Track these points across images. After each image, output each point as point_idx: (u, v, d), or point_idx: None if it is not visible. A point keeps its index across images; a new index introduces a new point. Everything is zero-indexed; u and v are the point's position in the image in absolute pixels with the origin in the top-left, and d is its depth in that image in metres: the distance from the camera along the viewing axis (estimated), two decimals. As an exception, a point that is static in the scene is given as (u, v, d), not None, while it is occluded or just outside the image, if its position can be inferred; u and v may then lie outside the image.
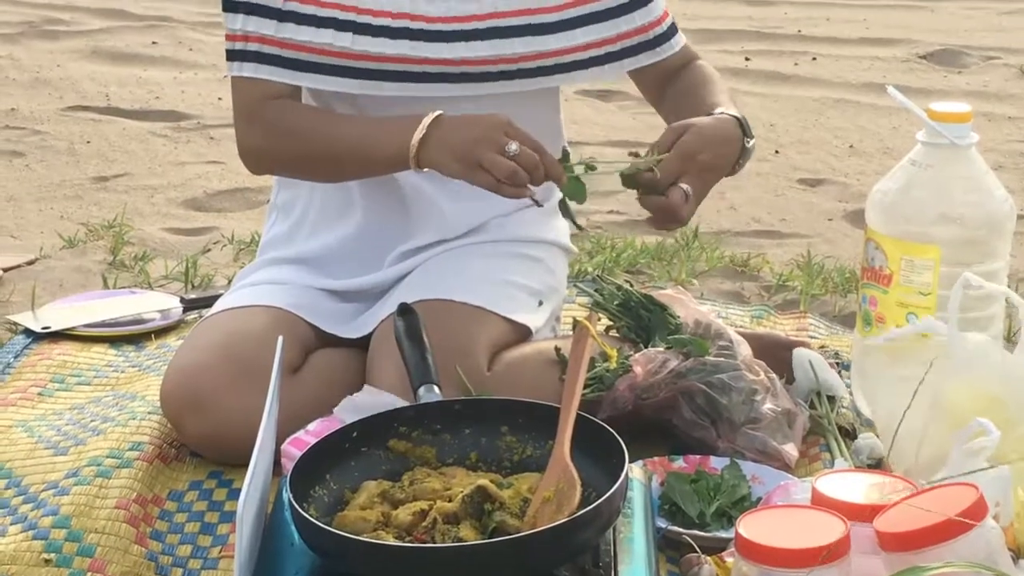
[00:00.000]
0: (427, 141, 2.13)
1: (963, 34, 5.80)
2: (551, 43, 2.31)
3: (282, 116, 2.28)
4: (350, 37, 2.25)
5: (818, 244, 3.51)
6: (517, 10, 2.29)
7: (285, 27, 2.25)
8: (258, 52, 2.26)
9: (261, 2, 2.25)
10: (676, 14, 2.43)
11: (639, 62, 2.41)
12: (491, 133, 2.10)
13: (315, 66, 2.26)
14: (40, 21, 5.89)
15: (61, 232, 3.50)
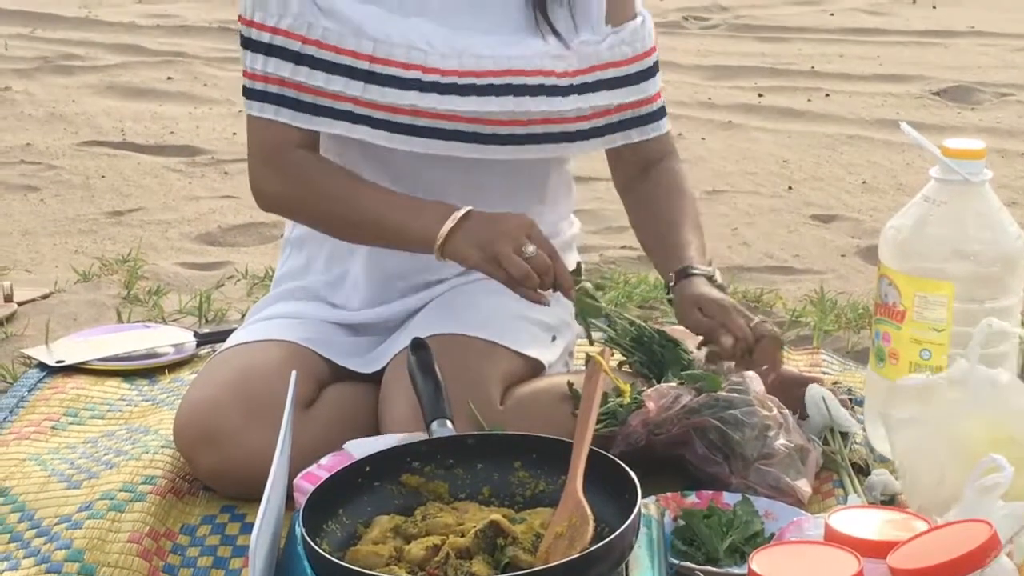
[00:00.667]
0: (454, 233, 2.18)
1: (976, 71, 5.81)
2: (562, 105, 2.32)
3: (307, 170, 2.29)
4: (361, 86, 2.26)
5: (831, 280, 3.50)
6: (533, 70, 2.30)
7: (300, 71, 2.26)
8: (278, 95, 2.27)
9: (280, 44, 2.26)
10: (689, 50, 2.45)
11: (629, 138, 2.42)
12: (513, 232, 2.16)
13: (329, 111, 2.27)
14: (56, 56, 5.91)
15: (75, 266, 3.51)
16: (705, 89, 5.51)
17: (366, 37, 2.25)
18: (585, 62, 2.33)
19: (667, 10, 6.70)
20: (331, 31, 2.25)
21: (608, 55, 2.35)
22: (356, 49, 2.25)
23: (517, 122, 2.31)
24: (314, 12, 2.25)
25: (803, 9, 6.92)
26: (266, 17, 2.26)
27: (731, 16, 6.75)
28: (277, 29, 2.25)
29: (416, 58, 2.26)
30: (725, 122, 5.08)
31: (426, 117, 2.27)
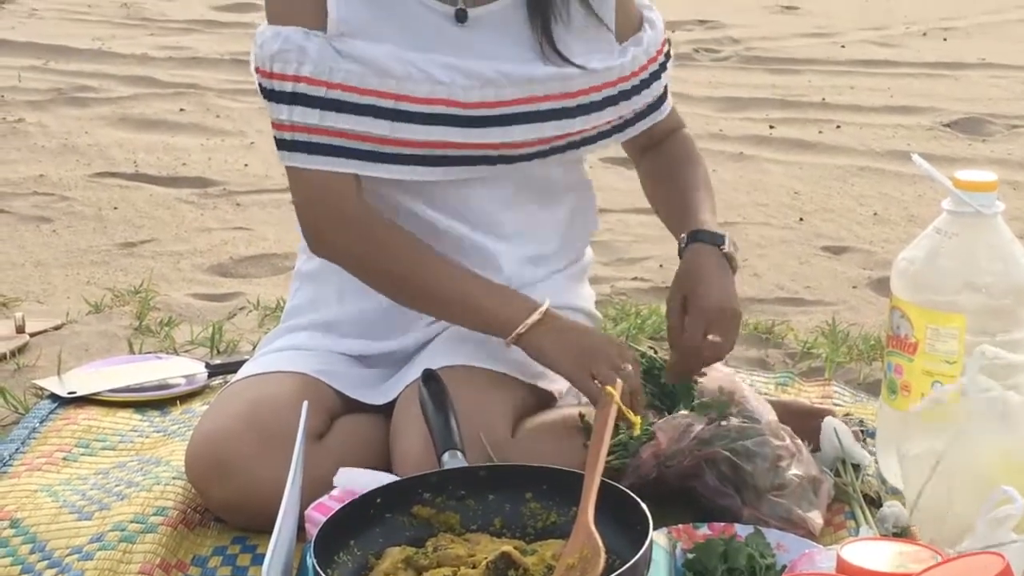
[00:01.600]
0: (537, 328, 2.23)
1: (987, 102, 5.81)
2: (581, 123, 2.36)
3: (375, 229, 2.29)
4: (388, 124, 2.26)
5: (843, 312, 3.50)
6: (549, 95, 2.32)
7: (327, 116, 2.26)
8: (307, 142, 2.27)
9: (303, 91, 2.25)
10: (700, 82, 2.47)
11: (644, 126, 2.49)
12: (609, 349, 2.24)
13: (359, 153, 2.28)
14: (69, 88, 5.93)
15: (87, 297, 3.51)
16: (716, 121, 5.52)
17: (388, 75, 2.26)
18: (602, 79, 2.35)
19: (678, 42, 6.72)
20: (353, 73, 2.25)
21: (629, 67, 2.39)
22: (379, 88, 2.25)
23: (540, 141, 2.33)
24: (333, 56, 2.25)
25: (814, 41, 6.93)
26: (286, 67, 2.25)
27: (742, 48, 6.76)
28: (299, 77, 2.25)
29: (439, 92, 2.27)
30: (736, 153, 5.09)
31: (454, 148, 2.29)
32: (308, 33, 2.25)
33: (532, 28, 2.33)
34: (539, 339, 2.24)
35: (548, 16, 2.33)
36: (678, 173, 2.51)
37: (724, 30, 7.13)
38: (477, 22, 2.33)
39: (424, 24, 2.31)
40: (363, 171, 2.29)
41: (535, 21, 2.33)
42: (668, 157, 2.54)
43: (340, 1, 2.27)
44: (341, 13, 2.27)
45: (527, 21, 2.34)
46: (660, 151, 2.55)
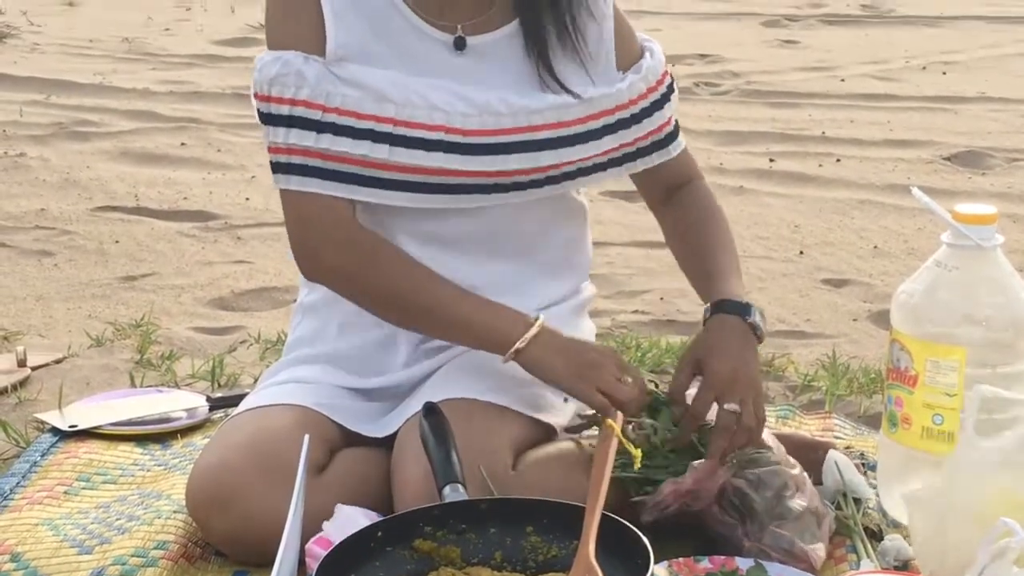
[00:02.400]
0: (535, 343, 2.23)
1: (987, 136, 5.83)
2: (579, 152, 2.35)
3: (374, 249, 2.29)
4: (387, 149, 2.27)
5: (843, 344, 3.50)
6: (547, 124, 2.32)
7: (323, 138, 2.27)
8: (302, 165, 2.28)
9: (300, 114, 2.27)
10: (701, 116, 2.48)
11: (651, 161, 2.46)
12: (609, 361, 2.26)
13: (356, 177, 2.28)
14: (71, 123, 5.95)
15: (89, 331, 3.52)
16: (717, 154, 5.53)
17: (387, 100, 2.27)
18: (600, 107, 2.36)
19: (679, 76, 6.73)
20: (350, 97, 2.26)
21: (627, 95, 2.39)
22: (378, 113, 2.27)
23: (537, 170, 2.33)
24: (332, 80, 2.26)
25: (813, 75, 6.96)
26: (284, 90, 2.27)
27: (742, 82, 6.78)
28: (296, 100, 2.26)
29: (438, 118, 2.28)
30: (737, 187, 5.10)
31: (451, 175, 2.29)
32: (307, 58, 2.27)
33: (529, 56, 2.35)
34: (538, 354, 2.24)
35: (545, 45, 2.34)
36: (700, 231, 2.49)
37: (724, 64, 7.15)
38: (475, 50, 2.34)
39: (423, 51, 2.32)
40: (359, 196, 2.30)
41: (532, 50, 2.34)
42: (688, 214, 2.51)
43: (340, 27, 2.29)
44: (340, 38, 2.28)
45: (525, 49, 2.35)
46: (680, 206, 2.52)
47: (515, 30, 2.36)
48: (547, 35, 2.34)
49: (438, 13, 2.34)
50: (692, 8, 8.54)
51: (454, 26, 2.34)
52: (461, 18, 2.35)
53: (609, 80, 2.39)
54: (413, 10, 2.33)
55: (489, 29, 2.36)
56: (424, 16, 2.33)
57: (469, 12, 2.35)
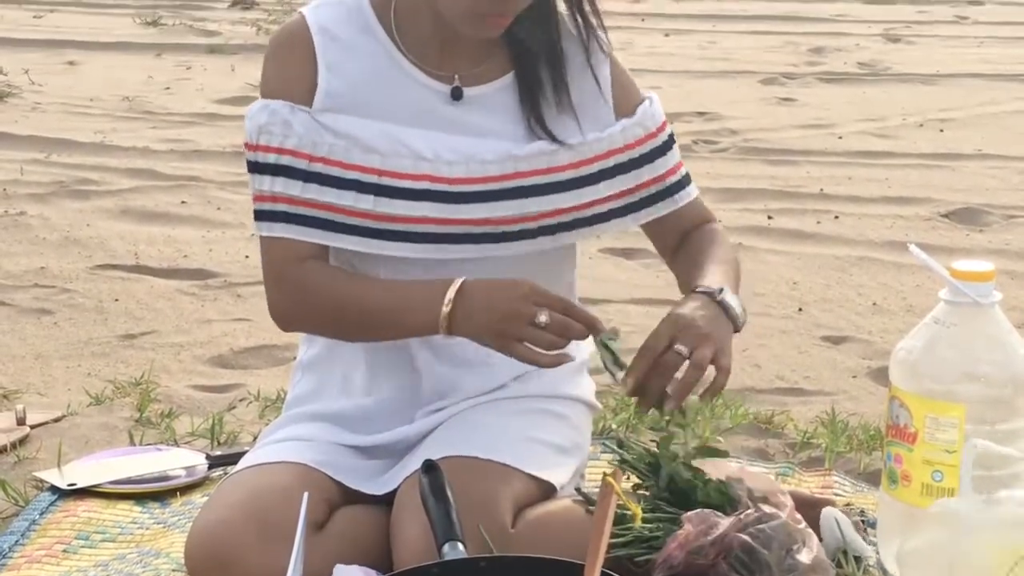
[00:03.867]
0: (455, 314, 2.20)
1: (985, 193, 5.84)
2: (570, 200, 2.35)
3: (310, 278, 2.31)
4: (372, 199, 2.29)
5: (842, 401, 3.50)
6: (535, 170, 2.33)
7: (310, 188, 2.29)
8: (286, 212, 2.30)
9: (287, 163, 2.29)
10: (699, 173, 2.48)
11: (657, 211, 2.45)
12: (519, 306, 2.17)
13: (340, 226, 2.30)
14: (71, 181, 5.96)
15: (88, 389, 3.52)
16: (715, 212, 5.49)
17: (373, 151, 2.28)
18: (591, 152, 2.36)
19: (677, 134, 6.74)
20: (337, 147, 2.28)
21: (621, 139, 2.39)
22: (364, 163, 2.28)
23: (526, 219, 2.33)
24: (318, 130, 2.29)
25: (811, 132, 6.98)
26: (271, 139, 2.29)
27: (740, 139, 6.80)
28: (283, 149, 2.29)
29: (423, 168, 2.29)
30: (735, 244, 5.10)
31: (437, 224, 2.30)
32: (293, 107, 2.29)
33: (523, 106, 2.36)
34: (460, 325, 2.20)
35: (538, 96, 2.35)
36: (701, 250, 2.45)
37: (722, 122, 7.18)
38: (471, 101, 2.36)
39: (417, 101, 2.34)
40: (346, 245, 2.31)
41: (525, 100, 2.36)
42: (695, 243, 2.48)
43: (331, 76, 2.31)
44: (331, 88, 2.30)
45: (519, 100, 2.36)
46: (688, 243, 2.50)
47: (511, 81, 2.38)
48: (542, 86, 2.35)
49: (436, 63, 2.36)
50: (690, 66, 8.58)
51: (451, 76, 2.36)
52: (459, 68, 2.37)
53: (604, 127, 2.40)
54: (410, 60, 2.35)
55: (486, 80, 2.37)
56: (421, 66, 2.35)
57: (467, 62, 2.37)
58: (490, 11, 2.23)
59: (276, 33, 2.41)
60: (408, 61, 2.35)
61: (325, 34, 2.34)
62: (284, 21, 9.95)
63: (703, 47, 9.30)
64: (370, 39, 2.36)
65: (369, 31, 2.36)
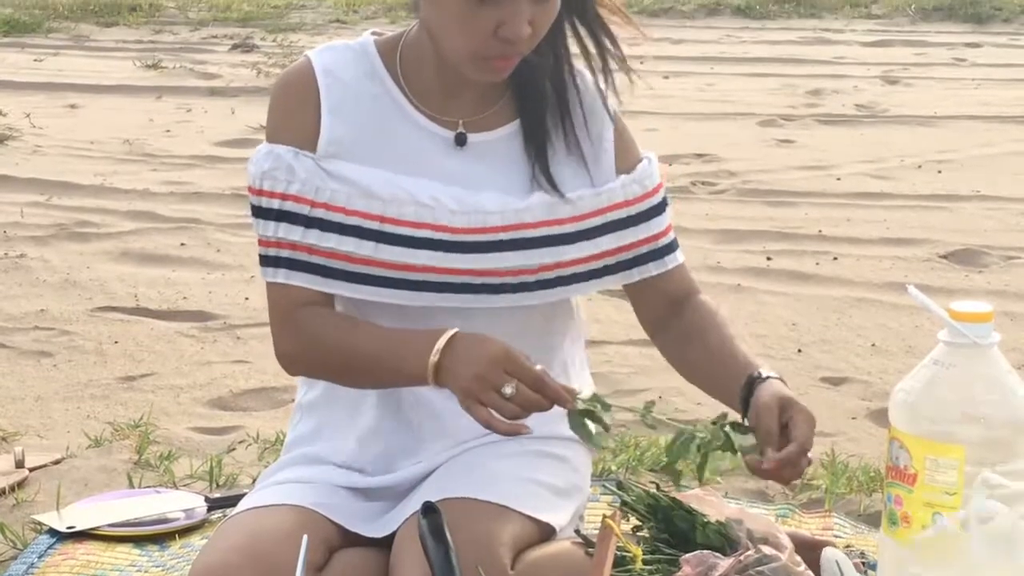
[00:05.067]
0: (442, 363, 2.18)
1: (983, 234, 5.85)
2: (571, 253, 2.35)
3: (312, 323, 2.32)
4: (372, 246, 2.29)
5: (842, 443, 3.50)
6: (538, 222, 2.33)
7: (310, 233, 2.29)
8: (290, 259, 2.30)
9: (289, 209, 2.29)
10: (698, 214, 2.49)
11: (648, 271, 2.43)
12: (488, 371, 2.14)
13: (341, 273, 2.30)
14: (71, 224, 5.98)
15: (87, 431, 3.52)
16: (714, 253, 5.55)
17: (375, 197, 2.29)
18: (592, 206, 2.36)
19: (676, 175, 6.78)
20: (339, 193, 2.29)
21: (621, 194, 2.39)
22: (366, 210, 2.28)
23: (526, 271, 2.33)
24: (321, 176, 2.29)
25: (810, 174, 6.99)
26: (275, 184, 2.30)
27: (739, 181, 6.82)
28: (286, 195, 2.29)
29: (425, 216, 2.29)
30: (734, 285, 5.11)
31: (437, 273, 2.30)
32: (297, 153, 2.30)
33: (527, 156, 2.36)
34: (443, 378, 2.18)
35: (544, 146, 2.36)
36: (712, 334, 2.42)
37: (721, 163, 7.20)
38: (475, 148, 2.36)
39: (421, 147, 2.34)
40: (345, 291, 2.31)
41: (530, 149, 2.36)
42: (693, 322, 2.44)
43: (335, 122, 2.31)
44: (334, 134, 2.31)
45: (524, 149, 2.37)
46: (682, 317, 2.46)
47: (516, 130, 2.38)
48: (547, 136, 2.36)
49: (440, 108, 2.36)
50: (689, 108, 8.61)
51: (455, 122, 2.37)
52: (463, 114, 2.37)
53: (604, 181, 2.40)
54: (415, 105, 2.35)
55: (491, 127, 2.38)
56: (425, 111, 2.36)
57: (472, 109, 2.37)
58: (495, 54, 2.23)
59: (282, 76, 2.41)
60: (412, 106, 2.36)
61: (330, 77, 2.34)
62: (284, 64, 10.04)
63: (702, 89, 9.33)
64: (375, 83, 2.36)
65: (375, 75, 2.36)
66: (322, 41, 10.35)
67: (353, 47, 2.39)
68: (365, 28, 2.47)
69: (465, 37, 2.21)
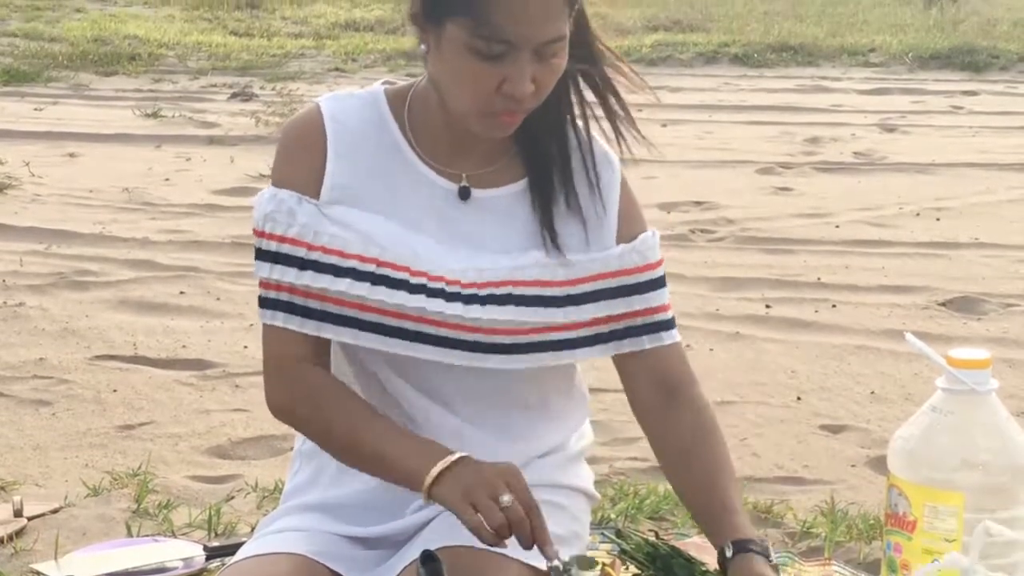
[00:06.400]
0: (443, 477, 2.18)
1: (981, 281, 5.86)
2: (559, 316, 2.33)
3: (317, 390, 2.31)
4: (367, 287, 2.29)
5: (842, 490, 3.50)
6: (531, 280, 2.33)
7: (305, 275, 2.29)
8: (287, 302, 2.31)
9: (286, 251, 2.30)
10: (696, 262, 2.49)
11: (641, 344, 2.40)
12: (493, 479, 2.15)
13: (334, 317, 2.30)
14: (70, 272, 5.98)
15: (86, 480, 3.51)
16: (713, 300, 5.56)
17: (373, 243, 2.29)
18: (587, 271, 2.36)
19: (674, 223, 6.79)
20: (337, 237, 2.29)
21: (617, 263, 2.37)
22: (362, 253, 2.29)
23: (518, 331, 2.33)
24: (322, 221, 2.30)
25: (808, 221, 7.01)
26: (275, 227, 2.31)
27: (737, 229, 6.83)
28: (284, 237, 2.30)
29: (423, 264, 2.29)
30: (733, 333, 5.12)
31: (431, 324, 2.30)
32: (300, 198, 2.30)
33: (533, 215, 2.36)
34: (442, 488, 2.18)
35: (551, 205, 2.36)
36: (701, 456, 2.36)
37: (720, 211, 7.21)
38: (478, 202, 2.36)
39: (422, 198, 2.34)
40: (337, 336, 2.31)
41: (537, 208, 2.36)
42: (687, 429, 2.38)
43: (340, 168, 2.32)
44: (339, 180, 2.31)
45: (529, 207, 2.37)
46: (675, 416, 2.40)
47: (521, 188, 2.38)
48: (554, 195, 2.36)
49: (446, 162, 2.36)
50: (687, 156, 8.63)
51: (460, 175, 2.37)
52: (468, 168, 2.37)
53: (603, 247, 2.39)
54: (420, 156, 2.36)
55: (496, 184, 2.37)
56: (431, 162, 2.36)
57: (478, 163, 2.37)
58: (500, 109, 2.24)
59: (291, 121, 2.42)
60: (418, 157, 2.36)
61: (338, 124, 2.35)
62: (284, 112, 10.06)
63: (700, 137, 9.37)
64: (382, 132, 2.37)
65: (382, 124, 2.37)
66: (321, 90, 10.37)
67: (363, 96, 2.40)
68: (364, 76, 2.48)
69: (470, 94, 2.22)
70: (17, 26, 14.41)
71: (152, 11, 16.14)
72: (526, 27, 2.16)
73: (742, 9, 15.66)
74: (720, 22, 14.48)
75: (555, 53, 2.20)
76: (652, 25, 14.36)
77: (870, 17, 14.93)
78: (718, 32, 13.81)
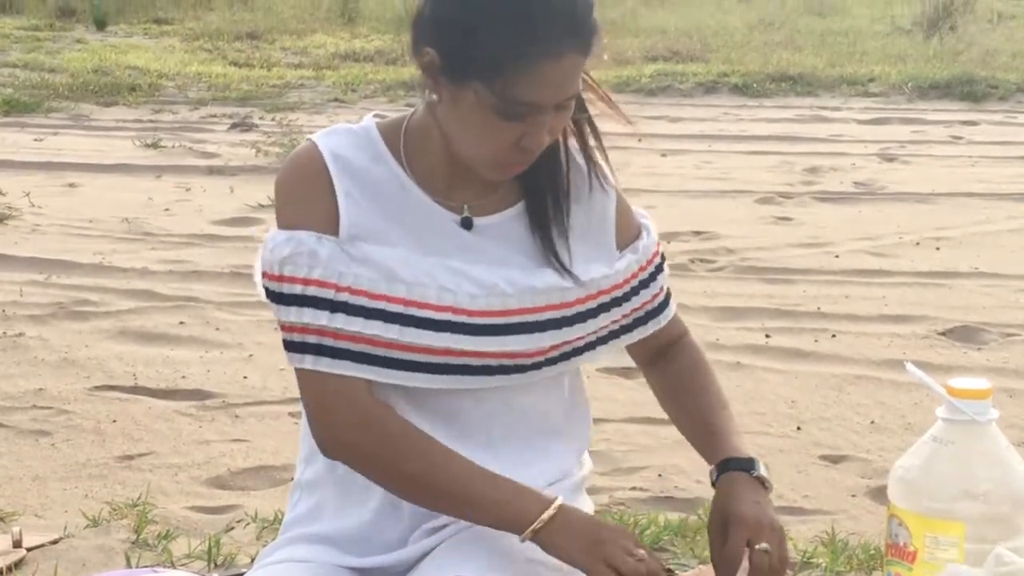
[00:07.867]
0: (552, 524, 2.22)
1: (981, 311, 5.86)
2: (576, 332, 2.37)
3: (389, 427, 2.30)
4: (398, 329, 2.28)
5: (842, 521, 3.49)
6: (549, 305, 2.34)
7: (336, 318, 2.28)
8: (318, 344, 2.29)
9: (313, 294, 2.27)
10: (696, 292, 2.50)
11: (647, 331, 2.48)
12: (620, 537, 2.23)
13: (365, 357, 2.29)
14: (70, 302, 5.98)
15: (85, 511, 3.51)
16: (713, 330, 5.56)
17: (398, 280, 2.28)
18: (596, 287, 2.38)
19: (674, 253, 6.79)
20: (362, 277, 2.28)
21: (623, 275, 2.41)
22: (389, 293, 2.28)
23: (538, 352, 2.34)
24: (345, 260, 2.28)
25: (808, 251, 7.01)
26: (296, 270, 2.28)
27: (737, 258, 6.83)
28: (309, 280, 2.27)
29: (447, 299, 2.29)
30: (733, 363, 5.12)
31: (455, 356, 2.30)
32: (320, 238, 2.28)
33: (533, 237, 2.37)
34: (555, 534, 2.23)
35: (549, 226, 2.37)
36: (693, 388, 2.51)
37: (719, 241, 7.22)
38: (482, 230, 2.36)
39: (432, 229, 2.34)
40: (372, 376, 2.30)
41: (536, 231, 2.37)
42: (679, 370, 2.54)
43: (351, 206, 2.31)
44: (352, 217, 2.30)
45: (529, 230, 2.38)
46: (669, 363, 2.54)
47: (521, 211, 2.39)
48: (552, 217, 2.37)
49: (445, 193, 2.37)
50: (687, 186, 8.64)
51: (460, 206, 2.37)
52: (468, 198, 2.37)
53: (607, 259, 2.41)
54: (422, 189, 2.36)
55: (496, 210, 2.38)
56: (432, 195, 2.36)
57: (476, 192, 2.38)
58: (514, 161, 2.26)
59: (289, 162, 2.39)
60: (419, 189, 2.36)
61: (340, 162, 2.34)
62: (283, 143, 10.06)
63: (699, 167, 9.38)
64: (382, 167, 2.36)
65: (381, 159, 2.37)
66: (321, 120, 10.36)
67: (356, 131, 2.39)
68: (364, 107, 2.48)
69: (485, 147, 2.23)
70: (18, 56, 14.43)
71: (152, 41, 16.17)
72: (554, 91, 2.18)
73: (741, 39, 15.69)
74: (719, 52, 14.50)
75: (572, 103, 2.22)
76: (651, 55, 14.38)
77: (869, 47, 14.96)
78: (717, 62, 13.83)
